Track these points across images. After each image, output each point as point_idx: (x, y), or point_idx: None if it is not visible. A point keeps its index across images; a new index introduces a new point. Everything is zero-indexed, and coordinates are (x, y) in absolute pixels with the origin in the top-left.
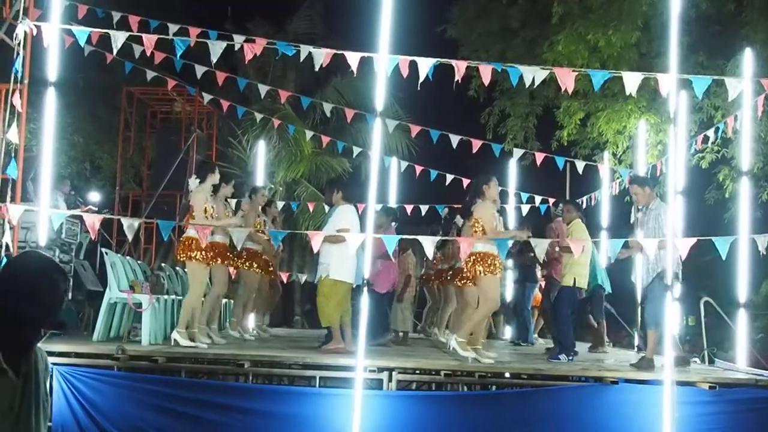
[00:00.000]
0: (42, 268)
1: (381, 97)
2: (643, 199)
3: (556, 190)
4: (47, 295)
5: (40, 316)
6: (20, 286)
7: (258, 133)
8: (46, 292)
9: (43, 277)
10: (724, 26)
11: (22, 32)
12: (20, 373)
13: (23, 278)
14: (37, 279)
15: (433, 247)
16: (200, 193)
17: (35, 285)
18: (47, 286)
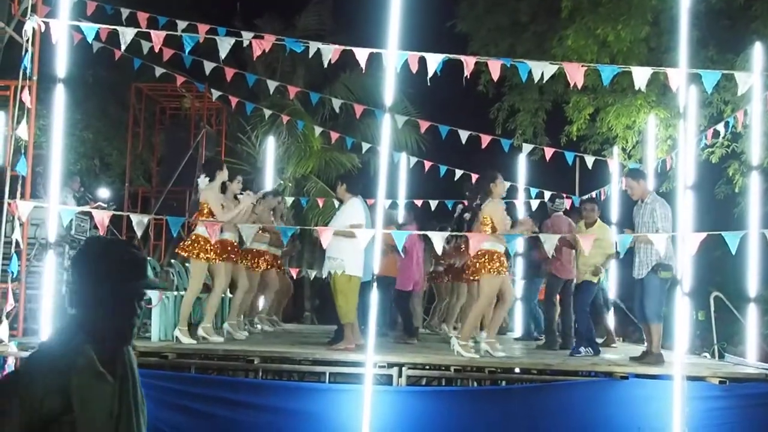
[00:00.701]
0: (109, 246)
1: (390, 93)
2: (638, 193)
3: (565, 186)
4: (129, 269)
5: (131, 294)
6: (100, 271)
7: (267, 129)
8: (127, 265)
9: (115, 253)
10: (734, 20)
11: (31, 29)
12: (116, 375)
13: (98, 264)
14: (111, 258)
15: (443, 243)
16: (211, 191)
17: (114, 265)
18: (125, 260)
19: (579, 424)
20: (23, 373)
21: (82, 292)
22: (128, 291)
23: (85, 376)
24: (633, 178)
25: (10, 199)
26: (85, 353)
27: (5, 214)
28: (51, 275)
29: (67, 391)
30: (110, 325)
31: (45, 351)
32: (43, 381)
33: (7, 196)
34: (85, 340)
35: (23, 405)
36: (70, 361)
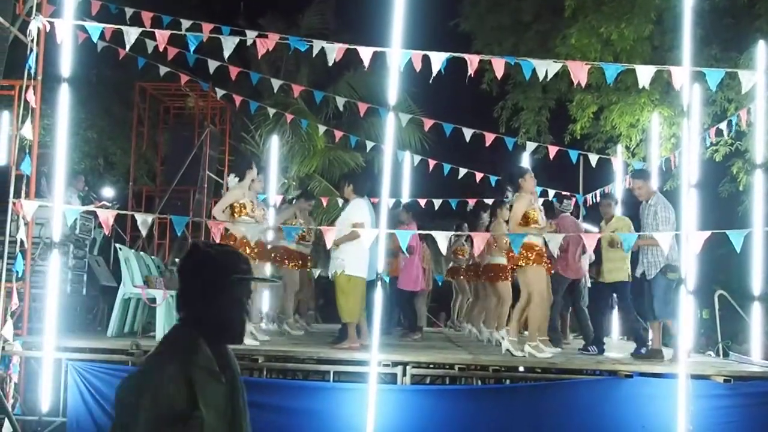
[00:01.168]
0: (213, 248)
1: (394, 92)
2: (644, 193)
3: (569, 184)
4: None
5: (239, 292)
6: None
7: (271, 128)
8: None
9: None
10: (738, 18)
11: (36, 28)
12: (227, 377)
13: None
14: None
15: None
16: (237, 189)
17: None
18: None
19: (583, 422)
20: (152, 369)
21: (192, 293)
22: (236, 289)
23: (205, 375)
24: (639, 179)
25: (14, 199)
26: (204, 352)
27: (10, 214)
28: (55, 274)
29: (193, 388)
30: (221, 323)
31: (167, 349)
32: (174, 375)
33: (12, 195)
34: (201, 339)
35: (156, 402)
36: (192, 357)
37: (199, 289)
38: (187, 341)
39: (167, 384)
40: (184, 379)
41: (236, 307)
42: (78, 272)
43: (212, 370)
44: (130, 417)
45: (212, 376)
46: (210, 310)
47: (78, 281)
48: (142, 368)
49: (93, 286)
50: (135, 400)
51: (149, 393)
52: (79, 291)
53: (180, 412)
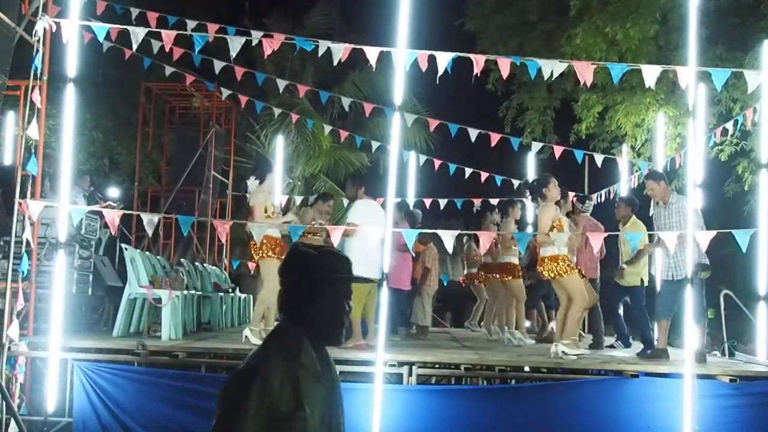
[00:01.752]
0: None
1: (399, 92)
2: (660, 194)
3: (574, 184)
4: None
5: (340, 293)
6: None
7: (276, 128)
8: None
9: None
10: (743, 18)
11: (42, 29)
12: (327, 379)
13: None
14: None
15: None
16: (260, 193)
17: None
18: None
19: (589, 422)
20: (257, 366)
21: (294, 293)
22: (337, 290)
23: (308, 375)
24: (654, 180)
25: (20, 199)
26: (308, 351)
27: (16, 214)
28: (61, 275)
29: (298, 387)
30: (322, 323)
31: (272, 346)
32: (279, 372)
33: (18, 195)
34: (305, 338)
35: (263, 398)
36: (296, 354)
37: (301, 289)
38: (292, 340)
39: (273, 382)
40: (290, 377)
41: (337, 307)
42: (83, 272)
43: (315, 371)
44: (235, 413)
45: (314, 378)
46: (312, 310)
47: (83, 281)
48: (247, 365)
49: (98, 286)
50: (241, 397)
51: (255, 390)
52: (85, 291)
53: (285, 411)
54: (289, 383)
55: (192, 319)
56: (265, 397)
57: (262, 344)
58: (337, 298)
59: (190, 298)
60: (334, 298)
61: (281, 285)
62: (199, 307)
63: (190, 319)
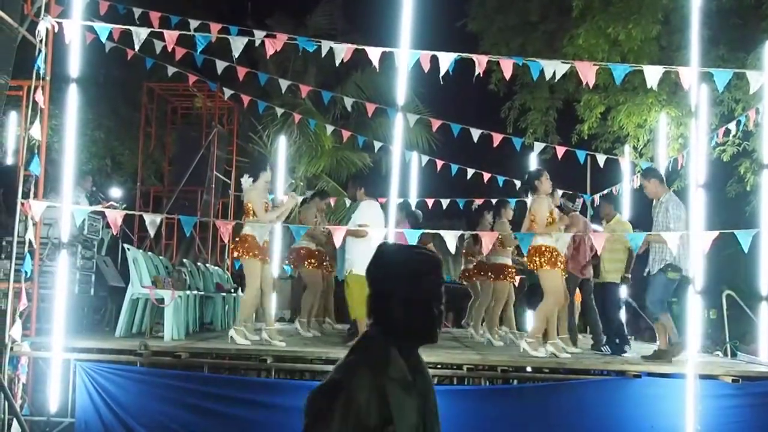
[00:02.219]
0: (402, 251)
1: (402, 92)
2: (653, 192)
3: (576, 184)
4: (426, 271)
5: (429, 296)
6: (398, 276)
7: (279, 128)
8: (423, 267)
9: (410, 256)
10: (745, 19)
11: (44, 29)
12: (418, 387)
13: (396, 269)
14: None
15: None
16: (254, 191)
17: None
18: (420, 262)
19: (591, 422)
20: (344, 378)
21: (383, 297)
22: (428, 291)
23: (397, 387)
24: (644, 177)
25: (23, 199)
26: (397, 362)
27: (18, 214)
28: (64, 275)
29: (386, 400)
30: (414, 327)
31: (358, 356)
32: (365, 387)
33: (20, 195)
34: (393, 348)
35: (349, 411)
36: (385, 368)
37: (390, 293)
38: (379, 350)
39: (359, 394)
40: (377, 390)
41: (429, 309)
42: (86, 272)
43: (405, 382)
44: (321, 425)
45: (404, 389)
46: (402, 314)
47: (86, 281)
48: (334, 376)
49: (101, 287)
50: (326, 408)
51: (341, 401)
52: (87, 291)
53: (372, 424)
54: (376, 398)
55: (194, 320)
56: (351, 412)
57: (348, 355)
58: (426, 300)
59: (193, 299)
60: (424, 300)
61: (369, 287)
62: (201, 307)
63: (192, 320)
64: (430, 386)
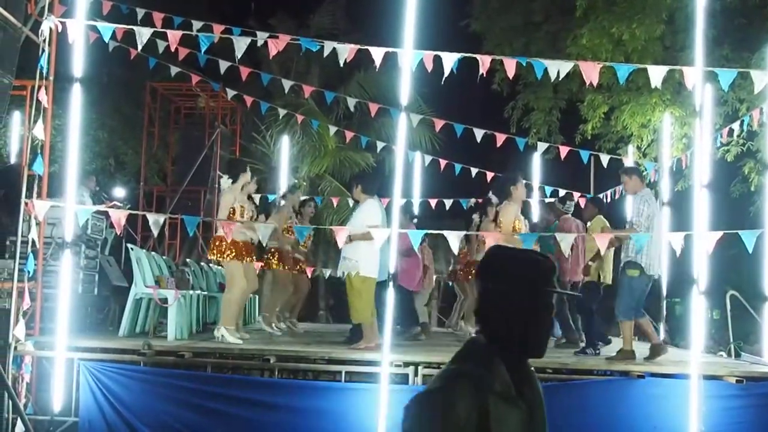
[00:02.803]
0: (515, 256)
1: (406, 92)
2: (632, 188)
3: (580, 184)
4: (539, 278)
5: (542, 305)
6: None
7: (282, 129)
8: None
9: (523, 262)
10: (749, 19)
11: (47, 29)
12: (526, 399)
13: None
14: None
15: (458, 242)
16: (230, 193)
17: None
18: (534, 269)
19: (595, 423)
20: (443, 388)
21: (493, 303)
22: (543, 303)
23: (500, 401)
24: (626, 174)
25: (26, 199)
26: (501, 374)
27: (22, 214)
28: (67, 274)
29: (486, 415)
30: (526, 337)
31: (460, 367)
32: (466, 399)
33: (23, 195)
34: (498, 358)
35: (448, 422)
36: (488, 380)
37: (507, 301)
38: (484, 360)
39: (460, 405)
40: (477, 404)
41: (542, 318)
42: (89, 272)
43: (509, 396)
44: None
45: (507, 402)
46: (513, 322)
47: (89, 281)
48: (435, 384)
49: (104, 286)
50: (425, 417)
51: (440, 411)
52: (91, 291)
53: None
54: (477, 411)
55: (197, 319)
56: (450, 423)
57: (451, 362)
58: (540, 307)
59: (196, 298)
60: (538, 308)
61: (479, 293)
62: (204, 307)
63: (195, 319)
64: (539, 398)
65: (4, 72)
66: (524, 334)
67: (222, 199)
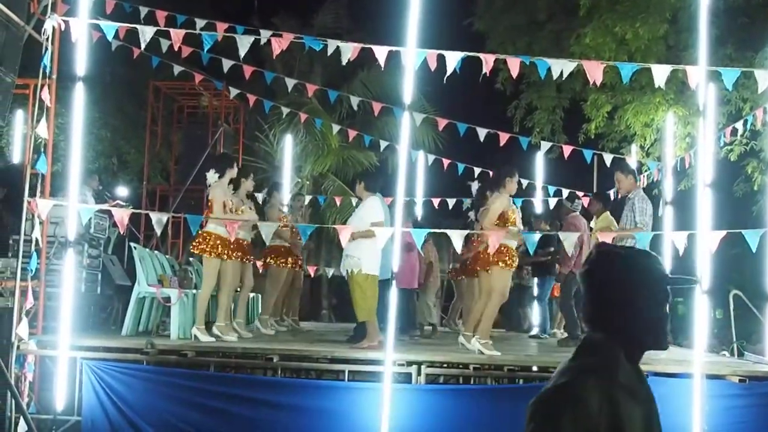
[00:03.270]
0: (633, 252)
1: (409, 91)
2: (624, 187)
3: (583, 183)
4: (658, 273)
5: (662, 298)
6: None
7: (285, 127)
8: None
9: (641, 258)
10: (753, 18)
11: (50, 27)
12: (643, 395)
13: (630, 271)
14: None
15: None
16: (218, 187)
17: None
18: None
19: None
20: (570, 383)
21: (610, 300)
22: (660, 293)
23: (626, 395)
24: (622, 172)
25: (29, 198)
26: (625, 367)
27: (25, 212)
28: (70, 273)
29: (616, 409)
30: (644, 332)
31: (585, 361)
32: (596, 393)
33: (26, 194)
34: (621, 353)
35: (579, 416)
36: (614, 374)
37: (627, 298)
38: (608, 355)
39: (589, 404)
40: (607, 397)
41: (660, 312)
42: (92, 271)
43: (633, 389)
44: (548, 430)
45: (632, 397)
46: (632, 317)
47: (92, 280)
48: (559, 380)
49: (107, 285)
50: (553, 415)
51: (569, 409)
52: (94, 290)
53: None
54: (608, 406)
55: None
56: (581, 417)
57: (571, 359)
58: (658, 302)
59: None
60: (656, 303)
61: (586, 290)
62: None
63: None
64: (651, 394)
65: (7, 71)
66: (647, 327)
67: (213, 194)
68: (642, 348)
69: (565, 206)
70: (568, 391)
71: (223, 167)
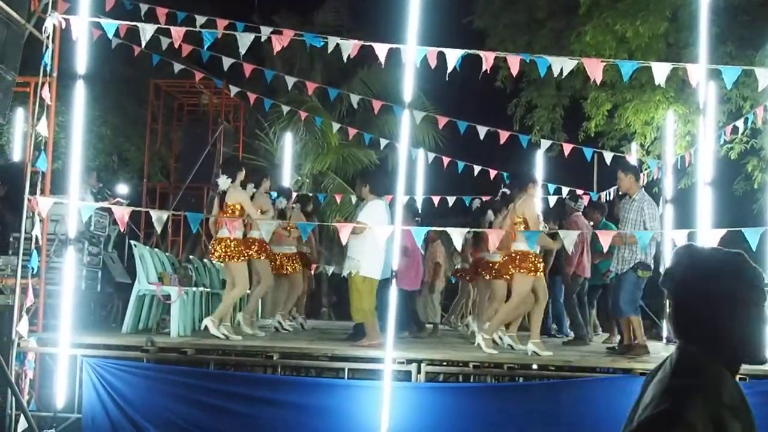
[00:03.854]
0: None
1: (409, 89)
2: (625, 186)
3: (583, 182)
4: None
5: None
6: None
7: (285, 125)
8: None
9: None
10: (753, 16)
11: (51, 25)
12: (741, 410)
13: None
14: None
15: (462, 239)
16: (240, 192)
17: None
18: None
19: (597, 421)
20: (678, 406)
21: (708, 310)
22: (760, 300)
23: (732, 413)
24: (623, 171)
25: (30, 195)
26: (730, 387)
27: (25, 210)
28: (70, 271)
29: (722, 428)
30: (745, 343)
31: (690, 385)
32: (703, 415)
33: (27, 192)
34: (724, 369)
35: None
36: (718, 393)
37: (723, 308)
38: (712, 374)
39: (697, 425)
40: (712, 421)
41: (763, 319)
42: (93, 269)
43: (735, 407)
44: None
45: (738, 418)
46: (732, 328)
47: (93, 278)
48: (662, 406)
49: (108, 283)
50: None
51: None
52: (94, 287)
53: None
54: (713, 428)
55: (201, 316)
56: None
57: (671, 378)
58: (758, 309)
59: (199, 295)
60: (756, 311)
61: (678, 300)
62: (207, 303)
63: (198, 316)
64: (750, 410)
65: (7, 69)
66: (748, 339)
67: (236, 199)
68: (742, 361)
69: (569, 206)
70: (674, 416)
71: (233, 171)
